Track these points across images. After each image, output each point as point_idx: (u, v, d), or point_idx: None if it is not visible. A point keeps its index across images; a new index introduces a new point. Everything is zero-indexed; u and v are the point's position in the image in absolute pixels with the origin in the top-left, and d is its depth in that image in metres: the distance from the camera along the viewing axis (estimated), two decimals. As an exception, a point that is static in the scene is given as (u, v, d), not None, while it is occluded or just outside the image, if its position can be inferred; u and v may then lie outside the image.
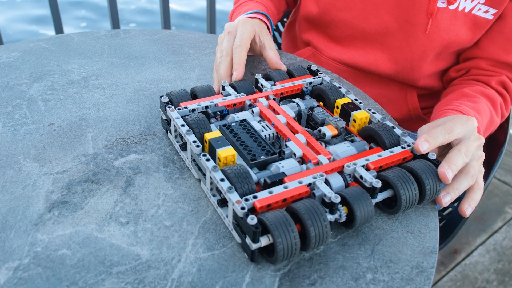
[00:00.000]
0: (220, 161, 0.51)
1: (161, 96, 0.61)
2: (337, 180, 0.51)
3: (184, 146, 0.58)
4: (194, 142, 0.53)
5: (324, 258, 0.48)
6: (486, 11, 0.76)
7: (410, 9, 0.78)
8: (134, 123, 0.66)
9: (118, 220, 0.50)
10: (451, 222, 0.83)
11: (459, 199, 0.86)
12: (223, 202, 0.51)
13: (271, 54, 0.72)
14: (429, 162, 0.53)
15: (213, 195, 0.52)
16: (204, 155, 0.51)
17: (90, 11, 3.46)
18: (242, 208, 0.45)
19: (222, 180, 0.48)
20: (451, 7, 0.76)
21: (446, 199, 0.53)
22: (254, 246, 0.44)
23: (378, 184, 0.49)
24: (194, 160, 0.56)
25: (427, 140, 0.54)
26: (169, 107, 0.58)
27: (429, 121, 0.66)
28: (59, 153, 0.59)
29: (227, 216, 0.49)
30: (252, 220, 0.43)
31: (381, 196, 0.51)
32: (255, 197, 0.46)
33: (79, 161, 0.58)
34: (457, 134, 0.56)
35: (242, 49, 0.68)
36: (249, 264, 0.47)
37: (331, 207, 0.47)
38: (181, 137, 0.58)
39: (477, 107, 0.74)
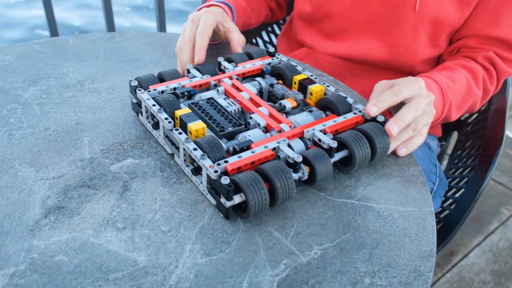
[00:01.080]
0: (191, 134, 0.56)
1: (131, 81, 0.64)
2: (298, 145, 0.57)
3: (156, 125, 0.62)
4: (166, 119, 0.57)
5: (322, 263, 0.47)
6: None
7: None
8: (130, 127, 0.65)
9: (115, 226, 0.50)
10: (448, 224, 0.83)
11: (456, 201, 0.86)
12: (196, 171, 0.56)
13: (236, 35, 0.76)
14: (378, 124, 0.60)
15: (187, 166, 0.57)
16: (177, 130, 0.56)
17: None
18: (215, 172, 0.50)
19: (195, 149, 0.53)
20: None
21: (401, 151, 0.62)
22: (228, 204, 0.49)
23: (334, 144, 0.55)
24: (167, 137, 0.60)
25: (376, 104, 0.60)
26: (139, 90, 0.62)
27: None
28: (55, 158, 0.59)
29: (201, 183, 0.54)
30: (225, 180, 0.48)
31: (338, 156, 0.57)
32: (226, 161, 0.51)
33: (75, 166, 0.58)
34: (405, 95, 0.61)
35: (204, 35, 0.73)
36: (247, 269, 0.46)
37: (295, 167, 0.53)
38: (153, 117, 0.63)
39: (452, 76, 0.77)
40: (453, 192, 0.92)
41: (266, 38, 1.25)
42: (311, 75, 0.69)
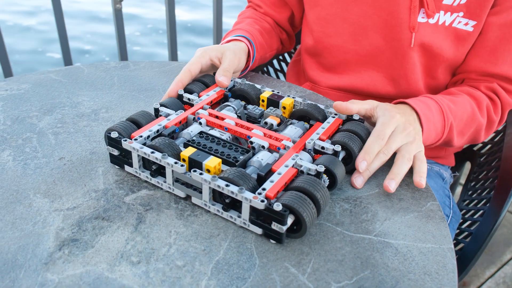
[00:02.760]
0: (210, 172, 0.55)
1: (108, 133, 0.59)
2: (306, 156, 0.60)
3: (155, 172, 0.59)
4: (176, 163, 0.55)
5: (340, 301, 0.46)
6: (466, 24, 0.79)
7: (394, 26, 0.81)
8: (144, 157, 0.65)
9: (129, 260, 0.49)
10: (463, 258, 0.82)
11: (471, 234, 0.85)
12: (228, 206, 0.54)
13: (217, 71, 0.75)
14: (357, 122, 0.66)
15: (213, 204, 0.55)
16: (195, 171, 0.54)
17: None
18: (262, 201, 0.50)
19: (227, 185, 0.51)
20: (431, 21, 0.79)
21: (391, 185, 0.61)
22: (284, 228, 0.50)
23: (338, 148, 0.60)
24: (177, 181, 0.57)
25: (364, 158, 0.61)
26: (124, 140, 0.59)
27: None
28: (70, 189, 0.59)
29: (238, 217, 0.53)
30: (278, 206, 0.49)
31: (341, 155, 0.62)
32: (263, 189, 0.52)
33: (90, 197, 0.58)
34: (388, 134, 0.64)
35: (184, 71, 0.74)
36: (263, 307, 0.45)
37: (318, 176, 0.56)
38: (150, 165, 0.59)
39: (454, 100, 0.77)
40: (468, 224, 0.90)
41: (277, 66, 1.26)
42: (273, 91, 0.73)
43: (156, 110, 0.67)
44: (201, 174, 0.53)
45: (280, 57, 1.25)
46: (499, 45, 0.78)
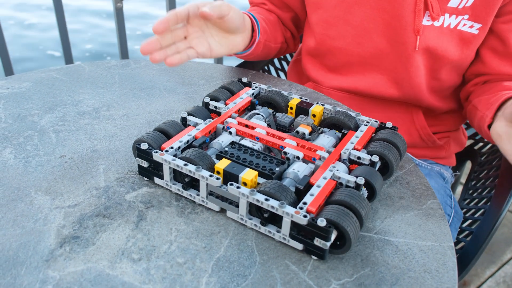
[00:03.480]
0: (246, 185, 0.53)
1: (138, 145, 0.57)
2: (342, 167, 0.58)
3: (188, 185, 0.57)
4: (211, 176, 0.53)
5: (340, 299, 0.46)
6: (471, 26, 0.79)
7: (398, 29, 0.81)
8: (145, 155, 0.65)
9: (130, 257, 0.49)
10: (463, 257, 0.82)
11: (472, 233, 0.85)
12: (267, 220, 0.53)
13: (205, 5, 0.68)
14: (391, 130, 0.64)
15: (250, 219, 0.53)
16: (231, 184, 0.52)
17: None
18: (305, 216, 0.48)
19: (267, 200, 0.50)
20: (436, 23, 0.79)
21: None
22: (328, 245, 0.48)
23: (376, 158, 0.58)
24: (211, 194, 0.55)
25: None
26: (155, 152, 0.56)
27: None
28: (71, 186, 0.59)
29: (277, 231, 0.51)
30: (322, 222, 0.47)
31: (377, 166, 0.60)
32: (304, 203, 0.50)
33: (91, 194, 0.58)
34: None
35: (180, 8, 0.66)
36: (264, 304, 0.45)
37: (357, 189, 0.54)
38: (182, 177, 0.57)
39: None
40: (468, 223, 0.90)
41: (278, 65, 1.26)
42: (300, 97, 0.71)
43: (184, 119, 0.64)
44: (238, 187, 0.51)
45: (281, 56, 1.25)
46: None
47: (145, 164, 0.58)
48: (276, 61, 1.26)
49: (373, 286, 0.48)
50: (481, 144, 1.03)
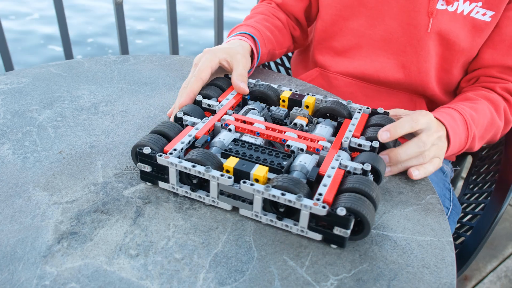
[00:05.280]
0: (258, 181, 0.53)
1: (140, 149, 0.55)
2: (345, 155, 0.59)
3: (196, 186, 0.56)
4: (222, 175, 0.52)
5: (338, 294, 0.46)
6: (484, 14, 0.79)
7: (411, 12, 0.81)
8: (144, 151, 0.65)
9: (128, 253, 0.49)
10: (463, 251, 0.82)
11: (472, 227, 0.85)
12: (282, 215, 0.53)
13: (235, 74, 0.73)
14: (383, 115, 0.65)
15: (264, 215, 0.53)
16: (244, 182, 0.51)
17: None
18: (323, 207, 0.48)
19: (283, 194, 0.50)
20: (450, 8, 0.79)
21: (414, 172, 0.63)
22: (348, 232, 0.49)
23: (377, 144, 0.59)
24: (221, 194, 0.55)
25: (389, 130, 0.60)
26: (159, 155, 0.55)
27: None
28: (69, 182, 0.59)
29: (295, 225, 0.52)
30: (342, 211, 0.48)
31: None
32: (320, 194, 0.51)
33: (89, 190, 0.58)
34: (421, 125, 0.63)
35: (197, 80, 0.70)
36: (261, 300, 0.45)
37: (365, 175, 0.55)
38: (190, 179, 0.56)
39: (475, 107, 0.77)
40: (469, 218, 0.90)
41: (278, 59, 1.26)
42: (290, 89, 0.71)
43: (180, 119, 0.63)
44: (252, 185, 0.51)
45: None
46: None
47: (148, 169, 0.57)
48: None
49: (371, 282, 0.48)
50: (482, 138, 1.02)
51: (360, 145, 0.60)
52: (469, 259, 0.79)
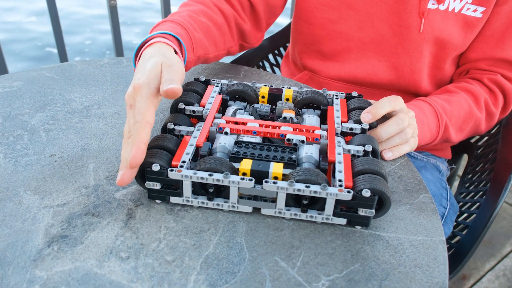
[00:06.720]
0: (278, 178, 0.54)
1: (148, 168, 0.53)
2: (341, 140, 0.61)
3: (213, 195, 0.55)
4: (243, 179, 0.52)
5: (330, 295, 0.46)
6: (475, 10, 0.79)
7: (402, 13, 0.81)
8: (136, 153, 0.65)
9: (119, 255, 0.49)
10: (460, 250, 0.81)
11: (468, 226, 0.84)
12: (306, 206, 0.54)
13: (166, 82, 0.54)
14: (358, 98, 0.69)
15: (288, 210, 0.54)
16: (266, 182, 0.52)
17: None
18: (349, 192, 0.51)
19: (307, 186, 0.51)
20: (441, 7, 0.79)
21: (387, 154, 0.67)
22: (373, 212, 0.52)
23: (367, 126, 0.63)
24: (241, 198, 0.54)
25: (370, 112, 0.64)
26: (171, 170, 0.53)
27: None
28: (60, 185, 0.58)
29: (319, 214, 0.54)
30: (367, 193, 0.50)
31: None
32: (340, 180, 0.53)
33: (80, 193, 0.57)
34: (401, 103, 0.66)
35: (142, 126, 0.52)
36: (252, 301, 0.45)
37: (366, 155, 0.58)
38: (206, 188, 0.55)
39: (450, 99, 0.79)
40: (464, 217, 0.90)
41: (273, 60, 1.26)
42: (265, 85, 0.73)
43: (172, 130, 0.61)
44: (275, 183, 0.52)
45: (276, 52, 1.25)
46: (506, 31, 0.79)
47: (157, 186, 0.55)
48: (270, 56, 1.25)
49: (362, 282, 0.47)
50: (477, 137, 1.02)
51: (351, 129, 0.63)
52: (465, 258, 0.79)
